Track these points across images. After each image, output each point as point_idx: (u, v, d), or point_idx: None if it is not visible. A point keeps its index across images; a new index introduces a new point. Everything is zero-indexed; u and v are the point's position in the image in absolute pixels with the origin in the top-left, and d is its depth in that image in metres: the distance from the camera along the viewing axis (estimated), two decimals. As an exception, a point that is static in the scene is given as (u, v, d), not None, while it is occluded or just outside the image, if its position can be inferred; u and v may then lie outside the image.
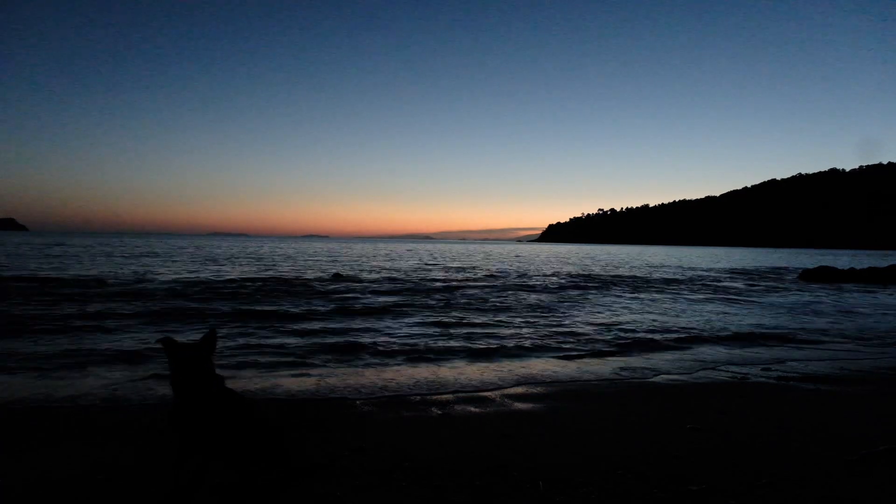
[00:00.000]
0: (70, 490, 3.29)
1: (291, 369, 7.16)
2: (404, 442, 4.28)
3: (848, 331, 11.64)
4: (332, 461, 3.70)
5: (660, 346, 9.47)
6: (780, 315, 14.23)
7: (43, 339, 8.51)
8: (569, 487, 3.41)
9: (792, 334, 10.99)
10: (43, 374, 6.51)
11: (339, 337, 9.52)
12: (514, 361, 7.97)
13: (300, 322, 11.11)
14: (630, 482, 3.51)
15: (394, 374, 6.99)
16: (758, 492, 3.38)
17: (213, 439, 2.94)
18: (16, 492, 3.29)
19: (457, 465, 3.74)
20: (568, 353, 8.68)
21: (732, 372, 7.43)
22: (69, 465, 3.68)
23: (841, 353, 9.05)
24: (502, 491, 3.36)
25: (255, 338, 9.18)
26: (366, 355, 8.14)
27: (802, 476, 3.62)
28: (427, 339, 9.55)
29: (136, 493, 3.26)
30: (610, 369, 7.49)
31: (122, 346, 8.10)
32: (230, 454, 3.02)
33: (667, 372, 7.37)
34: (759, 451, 4.15)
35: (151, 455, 3.87)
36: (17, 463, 3.74)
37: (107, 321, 10.34)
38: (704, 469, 3.74)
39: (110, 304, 12.67)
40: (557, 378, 6.93)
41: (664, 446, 4.22)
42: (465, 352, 8.55)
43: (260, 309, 12.74)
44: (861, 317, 14.14)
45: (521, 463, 3.82)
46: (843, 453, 4.05)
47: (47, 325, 9.76)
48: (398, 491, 3.33)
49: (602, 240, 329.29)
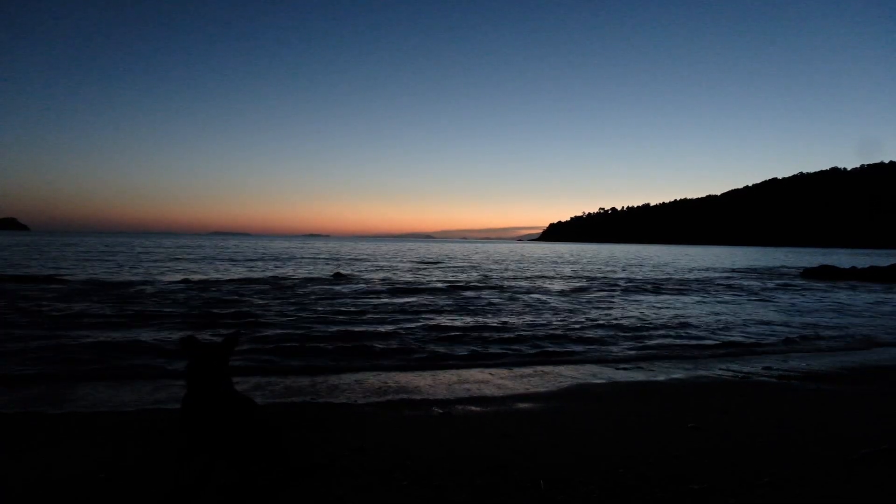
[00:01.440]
0: (71, 489, 3.29)
1: (290, 369, 7.17)
2: (405, 441, 4.28)
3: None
4: (333, 461, 3.70)
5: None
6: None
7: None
8: (569, 487, 3.41)
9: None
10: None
11: (341, 337, 9.51)
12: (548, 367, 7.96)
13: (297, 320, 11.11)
14: (630, 481, 3.51)
15: (391, 376, 6.99)
16: (758, 491, 3.38)
17: (220, 438, 2.97)
18: (16, 492, 3.29)
19: (457, 465, 3.74)
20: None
21: (733, 371, 7.43)
22: (70, 465, 3.69)
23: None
24: (503, 490, 3.36)
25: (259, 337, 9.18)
26: (368, 356, 8.14)
27: (803, 476, 3.62)
28: (423, 335, 9.55)
29: (138, 492, 3.26)
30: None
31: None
32: (234, 453, 3.04)
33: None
34: (760, 450, 4.14)
35: (152, 455, 3.88)
36: (18, 463, 3.74)
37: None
38: (705, 468, 3.73)
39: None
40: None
41: (664, 446, 4.21)
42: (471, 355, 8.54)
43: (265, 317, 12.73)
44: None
45: (521, 462, 3.81)
46: (843, 453, 4.04)
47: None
48: (398, 490, 3.33)
49: (603, 239, 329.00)
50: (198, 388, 2.97)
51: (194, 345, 3.02)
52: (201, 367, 2.98)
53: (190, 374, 3.00)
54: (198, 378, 2.98)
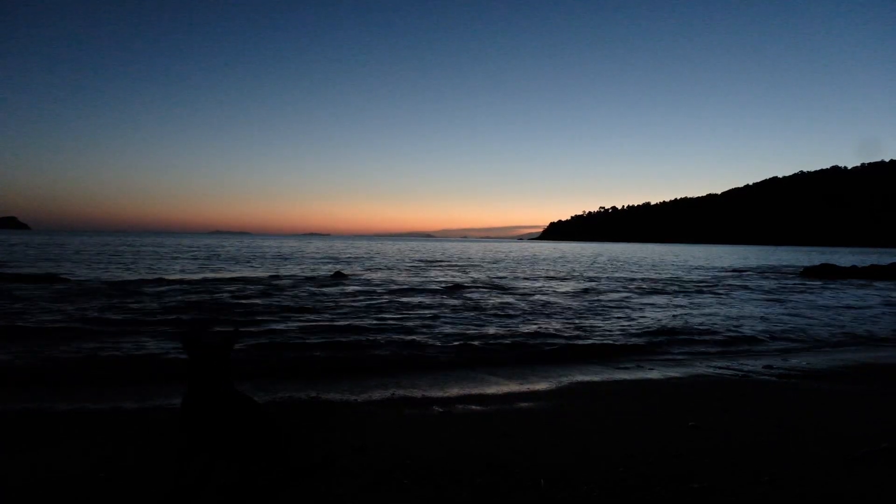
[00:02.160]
0: (71, 489, 3.29)
1: (289, 369, 7.16)
2: (405, 441, 4.28)
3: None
4: (333, 460, 3.69)
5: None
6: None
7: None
8: (570, 486, 3.41)
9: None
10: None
11: (341, 336, 9.52)
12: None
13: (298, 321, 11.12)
14: (631, 480, 3.50)
15: (391, 375, 6.99)
16: (758, 490, 3.37)
17: (220, 437, 2.97)
18: (16, 491, 3.29)
19: (457, 464, 3.74)
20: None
21: (734, 370, 7.43)
22: (70, 464, 3.69)
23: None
24: (503, 489, 3.36)
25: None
26: (368, 355, 8.14)
27: (803, 474, 3.61)
28: (423, 334, 9.55)
29: (138, 491, 3.26)
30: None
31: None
32: (234, 453, 3.03)
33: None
34: (760, 449, 4.14)
35: (152, 455, 3.88)
36: (18, 462, 3.74)
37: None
38: (705, 467, 3.73)
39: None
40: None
41: (665, 445, 4.21)
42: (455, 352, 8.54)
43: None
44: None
45: (521, 462, 3.81)
46: (843, 452, 4.04)
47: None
48: (399, 490, 3.33)
49: (604, 238, 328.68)
50: (198, 386, 2.97)
51: (195, 343, 3.02)
52: (202, 365, 2.98)
53: (190, 373, 2.99)
54: (198, 376, 2.97)
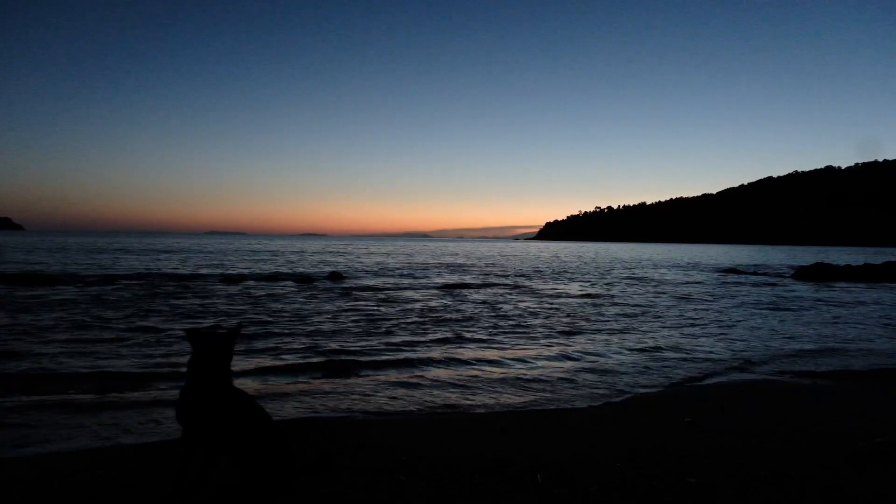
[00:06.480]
0: (71, 488, 3.30)
1: (289, 368, 7.19)
2: (405, 439, 4.30)
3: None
4: (334, 459, 3.71)
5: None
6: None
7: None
8: (569, 482, 3.44)
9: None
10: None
11: (340, 336, 9.53)
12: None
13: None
14: (629, 476, 3.53)
15: (391, 374, 7.01)
16: (757, 486, 3.41)
17: (216, 433, 2.98)
18: (17, 490, 3.30)
19: (457, 462, 3.75)
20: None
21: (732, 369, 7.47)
22: (70, 463, 3.69)
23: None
24: (503, 486, 3.38)
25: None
26: (367, 354, 8.16)
27: (801, 471, 3.64)
28: (422, 333, 9.57)
29: (138, 490, 3.27)
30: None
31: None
32: (233, 451, 3.05)
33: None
34: (757, 446, 4.17)
35: (153, 453, 3.89)
36: (18, 461, 3.75)
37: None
38: (703, 464, 3.76)
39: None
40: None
41: (663, 442, 4.24)
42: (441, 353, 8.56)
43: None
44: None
45: (521, 459, 3.83)
46: (841, 449, 4.08)
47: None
48: (399, 487, 3.34)
49: (599, 238, 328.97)
50: (198, 380, 2.97)
51: (198, 337, 3.02)
52: (204, 359, 2.98)
53: (192, 364, 3.00)
54: (200, 370, 2.98)
